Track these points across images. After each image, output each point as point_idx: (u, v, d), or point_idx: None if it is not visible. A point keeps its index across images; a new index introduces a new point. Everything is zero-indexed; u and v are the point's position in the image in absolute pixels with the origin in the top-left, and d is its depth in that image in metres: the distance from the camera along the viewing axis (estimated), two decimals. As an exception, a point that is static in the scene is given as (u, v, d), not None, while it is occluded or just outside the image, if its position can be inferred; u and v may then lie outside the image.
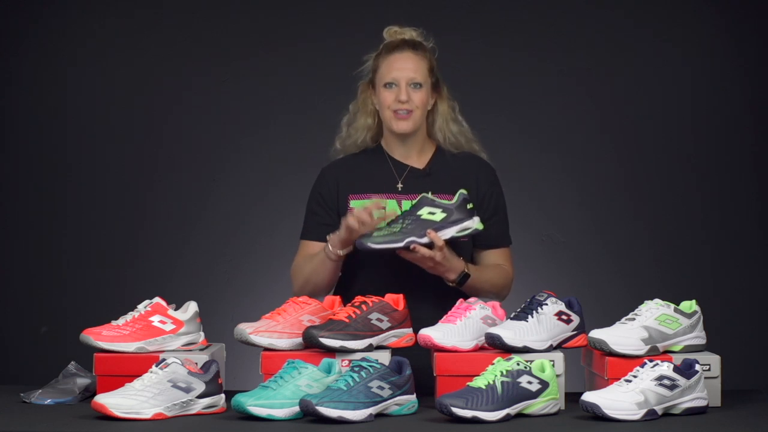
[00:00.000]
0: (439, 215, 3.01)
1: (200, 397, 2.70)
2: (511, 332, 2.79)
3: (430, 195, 3.04)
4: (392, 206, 3.17)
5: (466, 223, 3.03)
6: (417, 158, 3.27)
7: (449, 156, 3.27)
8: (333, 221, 3.20)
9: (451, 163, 3.26)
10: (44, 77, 5.00)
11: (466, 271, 3.11)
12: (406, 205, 3.16)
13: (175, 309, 2.92)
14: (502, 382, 2.62)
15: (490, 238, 3.20)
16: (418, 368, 2.80)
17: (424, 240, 3.00)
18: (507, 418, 2.61)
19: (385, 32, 3.26)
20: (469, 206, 3.04)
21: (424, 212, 3.01)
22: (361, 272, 3.18)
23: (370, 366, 2.66)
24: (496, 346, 2.80)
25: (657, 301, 2.86)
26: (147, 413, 2.62)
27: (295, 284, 3.23)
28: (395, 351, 2.86)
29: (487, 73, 4.93)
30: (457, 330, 2.83)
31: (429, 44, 3.25)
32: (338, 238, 3.08)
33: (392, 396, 2.67)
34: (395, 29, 3.25)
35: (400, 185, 3.24)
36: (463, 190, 3.05)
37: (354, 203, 3.22)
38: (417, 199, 3.05)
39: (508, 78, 4.95)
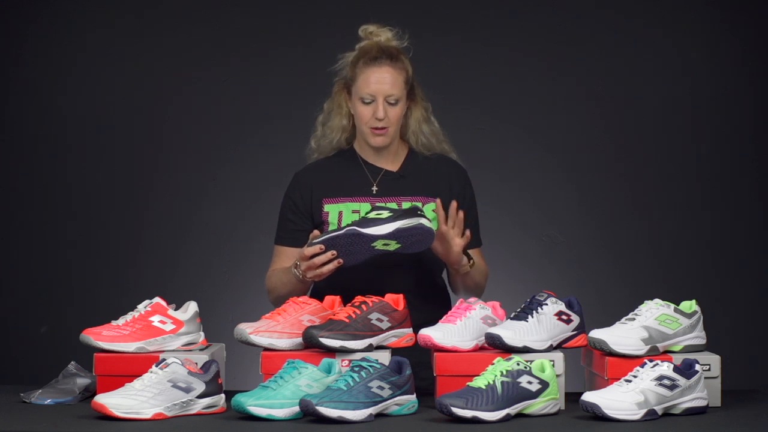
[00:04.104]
0: (385, 213, 2.98)
1: (200, 397, 2.70)
2: (511, 332, 2.79)
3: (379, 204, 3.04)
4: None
5: (413, 219, 2.99)
6: (391, 161, 3.27)
7: (422, 158, 3.27)
8: (307, 227, 3.21)
9: (424, 165, 3.26)
10: (45, 77, 5.00)
11: (472, 261, 3.14)
12: None
13: (175, 309, 2.92)
14: (502, 382, 2.62)
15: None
16: (418, 368, 2.80)
17: (365, 230, 2.96)
18: (507, 418, 2.61)
19: (361, 31, 3.24)
20: (419, 212, 3.00)
21: (372, 214, 2.99)
22: (361, 272, 3.18)
23: (370, 366, 2.66)
24: (496, 346, 2.80)
25: (657, 301, 2.86)
26: (147, 413, 2.62)
27: (270, 297, 3.23)
28: (395, 351, 2.86)
29: (487, 73, 4.93)
30: (457, 330, 2.83)
31: (404, 43, 3.24)
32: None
33: (392, 396, 2.67)
34: (371, 29, 3.23)
35: (374, 188, 3.23)
36: (417, 203, 3.03)
37: (328, 207, 3.22)
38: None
39: (508, 78, 4.95)
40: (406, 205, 3.14)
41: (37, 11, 4.99)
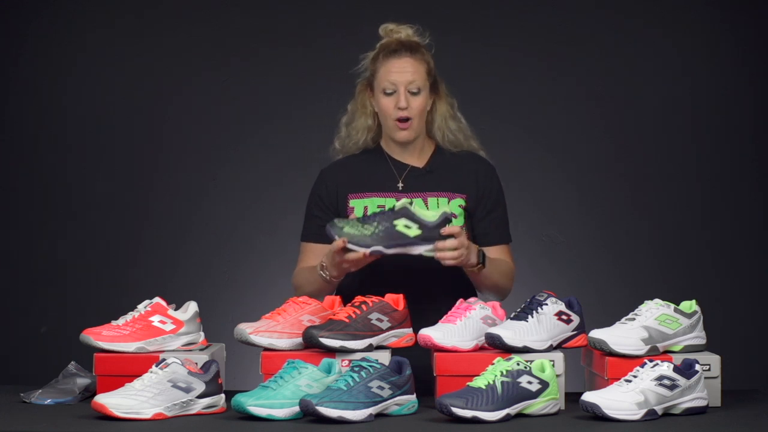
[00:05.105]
0: (413, 231, 2.94)
1: (200, 397, 2.70)
2: (511, 332, 2.79)
3: (412, 207, 2.96)
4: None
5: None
6: (417, 157, 3.27)
7: (448, 155, 3.27)
8: None
9: (450, 161, 3.26)
10: (45, 77, 5.00)
11: (480, 249, 3.09)
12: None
13: (175, 309, 2.92)
14: (502, 382, 2.62)
15: (488, 235, 3.19)
16: (418, 368, 2.80)
17: (389, 251, 2.94)
18: (507, 418, 2.61)
19: (381, 30, 3.25)
20: (449, 225, 2.98)
21: (400, 224, 2.95)
22: (362, 272, 3.18)
23: (370, 366, 2.66)
24: (496, 346, 2.80)
25: (657, 301, 2.86)
26: (147, 413, 2.62)
27: (296, 294, 3.22)
28: (395, 351, 2.86)
29: (487, 73, 4.93)
30: (457, 330, 2.83)
31: (425, 41, 3.25)
32: (330, 263, 3.06)
33: (392, 396, 2.67)
34: (391, 27, 3.24)
35: (400, 184, 3.24)
36: (446, 209, 2.98)
37: (353, 202, 3.22)
38: (400, 203, 2.97)
39: (508, 78, 4.96)
40: (435, 206, 3.08)
41: (37, 11, 4.99)
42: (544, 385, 2.68)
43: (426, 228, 2.95)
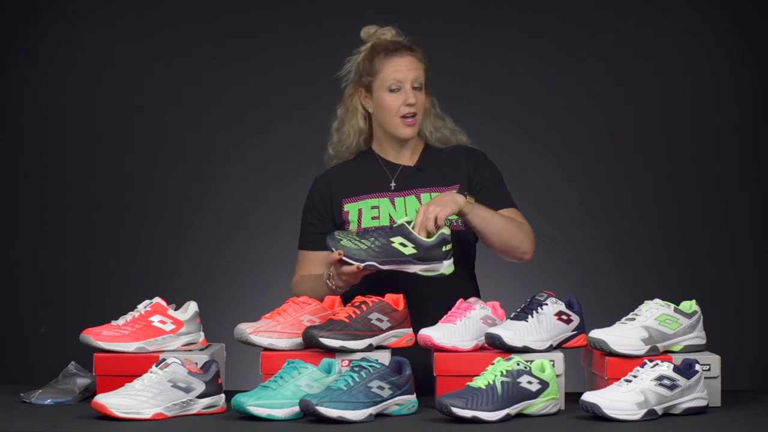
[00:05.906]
0: (409, 249, 2.94)
1: (200, 397, 2.70)
2: (511, 332, 2.79)
3: (410, 225, 2.96)
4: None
5: (434, 265, 2.96)
6: (409, 157, 3.28)
7: (437, 152, 3.29)
8: (328, 229, 3.21)
9: (439, 157, 3.28)
10: (45, 77, 5.00)
11: (465, 194, 3.07)
12: (399, 203, 3.18)
13: (175, 309, 2.92)
14: (502, 382, 2.62)
15: (489, 203, 3.15)
16: (418, 368, 2.80)
17: (384, 267, 2.93)
18: (507, 418, 2.61)
19: (363, 33, 3.27)
20: (446, 248, 2.96)
21: (396, 241, 2.95)
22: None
23: (370, 366, 2.66)
24: (496, 346, 2.80)
25: (657, 301, 2.86)
26: (147, 413, 2.62)
27: None
28: (395, 351, 2.86)
29: (487, 73, 4.93)
30: (457, 330, 2.83)
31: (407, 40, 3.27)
32: (336, 275, 3.04)
33: (392, 396, 2.67)
34: (373, 30, 3.26)
35: (393, 184, 3.25)
36: (445, 230, 2.97)
37: (348, 206, 3.23)
38: (399, 221, 2.98)
39: (508, 78, 4.96)
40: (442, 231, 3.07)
41: (37, 11, 4.99)
42: (544, 385, 2.68)
43: (422, 248, 2.95)
